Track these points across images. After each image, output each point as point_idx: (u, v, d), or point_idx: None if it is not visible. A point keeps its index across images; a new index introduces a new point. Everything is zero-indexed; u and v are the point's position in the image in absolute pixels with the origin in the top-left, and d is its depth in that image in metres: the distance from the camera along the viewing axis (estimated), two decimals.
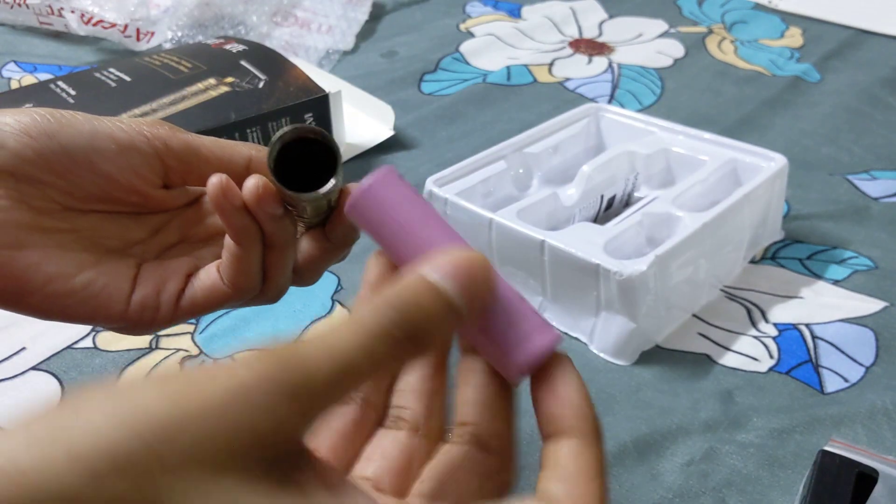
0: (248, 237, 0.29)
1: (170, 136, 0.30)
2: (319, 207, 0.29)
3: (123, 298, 0.31)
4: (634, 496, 0.36)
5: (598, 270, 0.42)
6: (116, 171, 0.29)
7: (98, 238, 0.31)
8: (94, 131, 0.29)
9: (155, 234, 0.33)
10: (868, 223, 0.55)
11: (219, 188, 0.28)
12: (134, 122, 0.30)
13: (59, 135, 0.28)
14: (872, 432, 0.38)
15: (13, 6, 0.80)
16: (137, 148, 0.29)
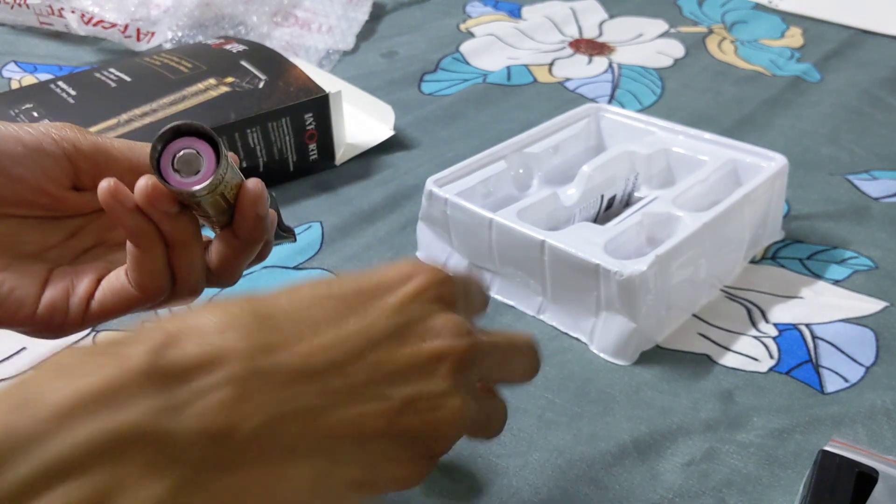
0: (146, 238, 0.29)
1: (78, 137, 0.30)
2: (217, 204, 0.29)
3: (32, 302, 0.31)
4: (634, 496, 0.36)
5: (598, 270, 0.42)
6: (26, 172, 0.30)
7: (13, 243, 0.31)
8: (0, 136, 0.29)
9: (70, 237, 0.33)
10: (868, 223, 0.55)
11: (108, 191, 0.28)
12: (41, 125, 0.30)
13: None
14: (872, 432, 0.38)
15: (13, 6, 0.80)
16: (45, 150, 0.30)
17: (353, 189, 0.59)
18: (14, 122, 0.30)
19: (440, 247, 0.50)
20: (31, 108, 0.54)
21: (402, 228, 0.55)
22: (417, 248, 0.52)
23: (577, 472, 0.37)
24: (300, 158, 0.59)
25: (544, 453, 0.38)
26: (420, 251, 0.52)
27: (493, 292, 0.48)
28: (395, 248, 0.53)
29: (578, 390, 0.41)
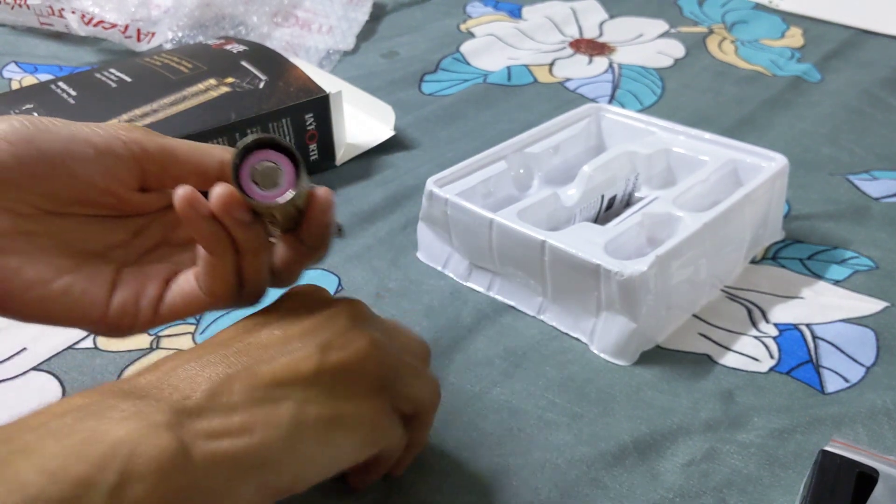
0: (219, 245, 0.30)
1: (145, 139, 0.31)
2: (288, 213, 0.29)
3: (102, 303, 0.31)
4: (634, 496, 0.36)
5: (598, 271, 0.42)
6: (94, 174, 0.30)
7: (78, 241, 0.31)
8: (71, 136, 0.29)
9: (135, 237, 0.33)
10: (869, 223, 0.55)
11: (185, 199, 0.29)
12: (110, 126, 0.30)
13: (37, 140, 0.29)
14: (873, 432, 0.38)
15: (14, 7, 0.80)
16: (114, 152, 0.30)
17: (354, 189, 0.59)
18: (86, 123, 0.30)
19: (440, 247, 0.50)
20: (31, 109, 0.54)
21: (403, 229, 0.55)
22: (417, 248, 0.52)
23: (577, 472, 0.37)
24: None
25: (544, 453, 0.38)
26: (420, 251, 0.52)
27: (494, 292, 0.48)
28: (396, 248, 0.53)
29: (579, 390, 0.41)
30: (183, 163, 0.31)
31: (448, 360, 0.43)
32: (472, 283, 0.49)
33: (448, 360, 0.43)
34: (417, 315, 0.47)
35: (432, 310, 0.47)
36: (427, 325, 0.46)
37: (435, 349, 0.44)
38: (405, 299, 0.48)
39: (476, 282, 0.49)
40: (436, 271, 0.51)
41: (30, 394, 0.41)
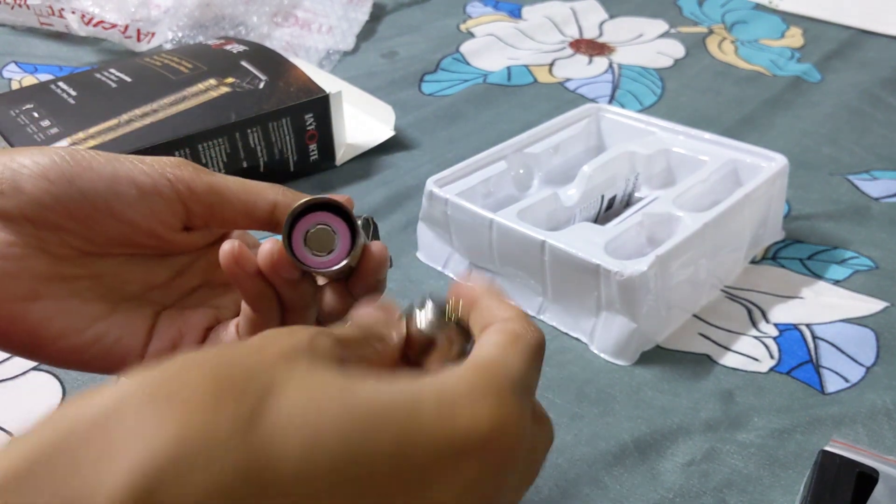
0: (265, 302, 0.28)
1: (193, 178, 0.29)
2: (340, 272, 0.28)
3: (137, 352, 0.30)
4: (635, 496, 0.36)
5: (598, 271, 0.42)
6: (137, 216, 0.28)
7: (116, 283, 0.30)
8: (114, 175, 0.28)
9: (176, 276, 0.32)
10: (869, 223, 0.55)
11: (231, 256, 0.27)
12: (157, 163, 0.29)
13: (79, 180, 0.27)
14: (873, 432, 0.38)
15: (14, 7, 0.80)
16: (160, 192, 0.28)
17: (354, 189, 0.59)
18: (129, 157, 0.28)
19: (440, 247, 0.50)
20: (31, 109, 0.54)
21: (403, 229, 0.55)
22: (418, 248, 0.52)
23: (577, 471, 0.37)
24: (301, 159, 0.59)
25: None
26: (420, 251, 0.52)
27: None
28: (396, 248, 0.53)
29: (579, 390, 0.41)
30: (231, 203, 0.29)
31: None
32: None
33: None
34: None
35: None
36: None
37: None
38: (405, 299, 0.48)
39: None
40: (436, 271, 0.51)
41: (30, 393, 0.41)
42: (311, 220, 0.27)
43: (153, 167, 0.28)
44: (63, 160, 0.27)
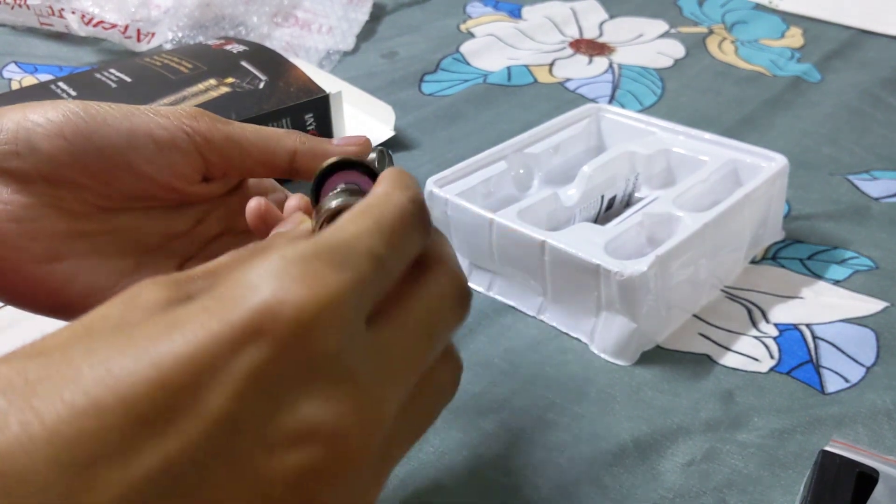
0: None
1: (210, 129, 0.28)
2: None
3: None
4: (635, 496, 0.36)
5: (598, 271, 0.42)
6: (155, 171, 0.28)
7: (137, 236, 0.29)
8: (131, 130, 0.27)
9: (196, 225, 0.31)
10: (869, 223, 0.55)
11: (256, 213, 0.27)
12: (173, 114, 0.28)
13: (95, 136, 0.27)
14: (873, 432, 0.38)
15: (14, 7, 0.80)
16: (178, 146, 0.28)
17: None
18: (145, 109, 0.28)
19: None
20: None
21: None
22: None
23: (577, 471, 0.37)
24: None
25: (544, 452, 0.38)
26: None
27: (494, 292, 0.48)
28: None
29: (579, 390, 0.41)
30: (250, 153, 0.29)
31: None
32: (472, 283, 0.49)
33: None
34: None
35: None
36: None
37: None
38: None
39: (476, 282, 0.49)
40: None
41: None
42: (337, 179, 0.26)
43: (170, 120, 0.28)
44: (77, 116, 0.27)
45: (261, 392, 0.16)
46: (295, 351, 0.17)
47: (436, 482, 0.36)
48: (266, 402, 0.17)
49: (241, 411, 0.16)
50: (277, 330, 0.16)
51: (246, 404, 0.16)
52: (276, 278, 0.17)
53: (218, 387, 0.16)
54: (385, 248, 0.19)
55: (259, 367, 0.16)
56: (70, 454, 0.15)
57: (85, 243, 0.28)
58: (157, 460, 0.16)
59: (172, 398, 0.16)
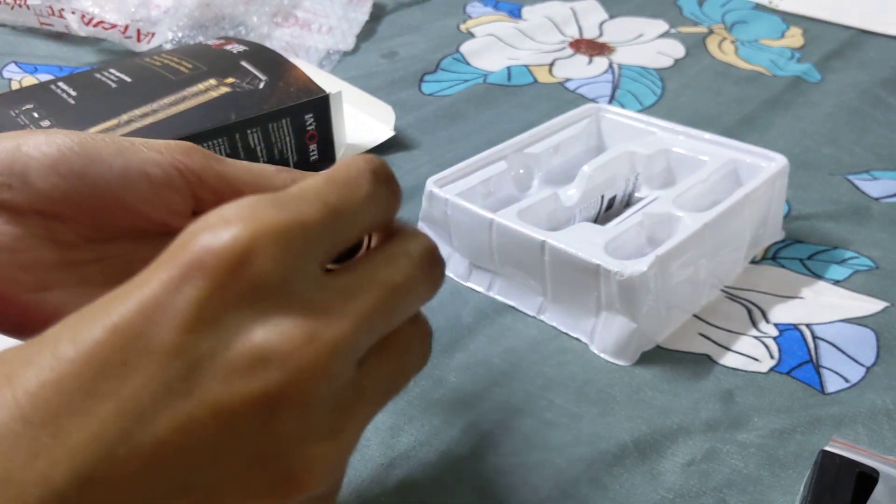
0: None
1: (204, 168, 0.28)
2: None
3: None
4: (635, 496, 0.36)
5: (598, 271, 0.42)
6: (148, 208, 0.28)
7: (125, 264, 0.30)
8: (125, 167, 0.27)
9: None
10: (869, 223, 0.55)
11: None
12: (166, 149, 0.28)
13: (89, 173, 0.27)
14: (873, 432, 0.38)
15: (14, 7, 0.80)
16: (171, 184, 0.28)
17: None
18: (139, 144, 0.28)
19: (440, 247, 0.50)
20: (31, 109, 0.54)
21: None
22: None
23: (576, 471, 0.37)
24: (301, 159, 0.59)
25: (544, 453, 0.38)
26: None
27: (494, 292, 0.48)
28: None
29: (578, 390, 0.41)
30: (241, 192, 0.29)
31: (448, 360, 0.43)
32: (472, 283, 0.49)
33: (448, 360, 0.43)
34: None
35: (432, 310, 0.47)
36: None
37: (435, 349, 0.44)
38: None
39: (476, 282, 0.49)
40: None
41: None
42: None
43: (163, 156, 0.28)
44: (72, 151, 0.27)
45: (205, 323, 0.17)
46: (233, 280, 0.18)
47: (435, 482, 0.36)
48: (213, 332, 0.18)
49: (190, 344, 0.17)
50: (213, 262, 0.18)
51: (193, 337, 0.17)
52: (218, 220, 0.18)
53: (165, 324, 0.17)
54: (336, 197, 0.20)
55: (200, 299, 0.17)
56: (34, 407, 0.16)
57: (75, 273, 0.28)
58: (117, 403, 0.17)
59: (124, 340, 0.17)
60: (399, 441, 0.38)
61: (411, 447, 0.38)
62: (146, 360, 0.17)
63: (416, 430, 0.39)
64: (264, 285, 0.18)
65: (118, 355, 0.17)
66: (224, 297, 0.18)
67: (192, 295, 0.18)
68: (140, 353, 0.17)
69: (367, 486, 0.36)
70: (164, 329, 0.17)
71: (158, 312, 0.17)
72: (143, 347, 0.17)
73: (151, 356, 0.17)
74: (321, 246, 0.20)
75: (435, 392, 0.41)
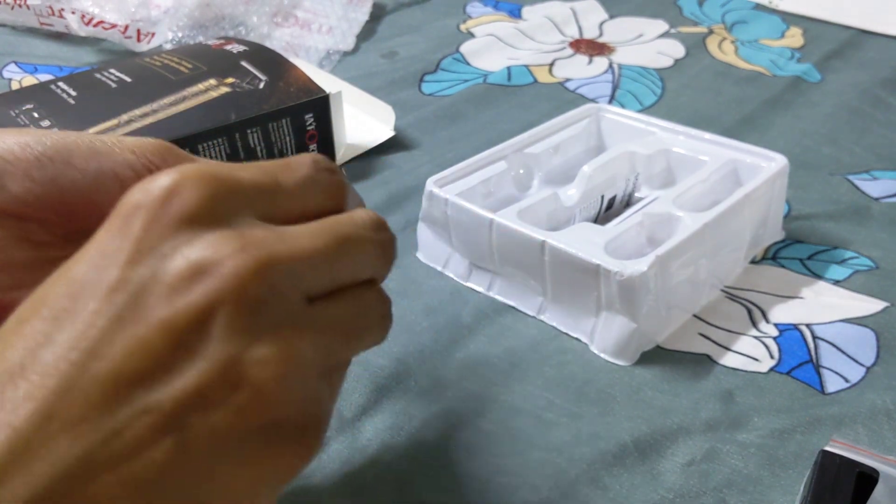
0: None
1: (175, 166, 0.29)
2: None
3: None
4: (635, 496, 0.36)
5: (598, 271, 0.42)
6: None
7: None
8: (98, 172, 0.27)
9: None
10: (869, 223, 0.55)
11: None
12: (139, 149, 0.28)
13: (62, 179, 0.27)
14: (873, 432, 0.38)
15: (14, 7, 0.80)
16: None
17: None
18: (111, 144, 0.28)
19: (440, 247, 0.50)
20: (31, 109, 0.54)
21: (403, 229, 0.55)
22: (417, 248, 0.52)
23: (577, 471, 0.37)
24: None
25: (544, 453, 0.38)
26: (420, 251, 0.52)
27: (494, 292, 0.48)
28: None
29: (578, 390, 0.41)
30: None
31: (448, 360, 0.43)
32: (472, 283, 0.49)
33: (448, 360, 0.43)
34: (417, 315, 0.47)
35: (432, 310, 0.47)
36: (427, 325, 0.46)
37: (435, 349, 0.44)
38: (405, 299, 0.48)
39: (476, 282, 0.49)
40: (436, 271, 0.51)
41: None
42: None
43: (136, 157, 0.28)
44: (45, 156, 0.27)
45: (143, 254, 0.19)
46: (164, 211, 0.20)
47: (435, 482, 0.36)
48: (151, 260, 0.19)
49: (131, 275, 0.19)
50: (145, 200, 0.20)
51: (133, 267, 0.19)
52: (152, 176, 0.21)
53: (108, 265, 0.19)
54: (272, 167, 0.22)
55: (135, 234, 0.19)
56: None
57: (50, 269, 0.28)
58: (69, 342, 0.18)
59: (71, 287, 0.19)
60: (399, 441, 0.38)
61: (411, 447, 0.38)
62: (93, 299, 0.19)
63: (416, 430, 0.39)
64: (195, 213, 0.20)
65: (66, 301, 0.19)
66: (158, 229, 0.19)
67: (128, 233, 0.20)
68: (87, 295, 0.19)
69: (368, 485, 0.36)
70: (107, 269, 0.19)
71: (102, 256, 0.20)
72: (91, 289, 0.19)
73: (97, 294, 0.19)
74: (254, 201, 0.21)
75: (435, 392, 0.41)
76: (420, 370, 0.43)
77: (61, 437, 0.17)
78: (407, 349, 0.44)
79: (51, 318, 0.19)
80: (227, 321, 0.19)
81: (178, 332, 0.18)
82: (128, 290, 0.19)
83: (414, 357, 0.43)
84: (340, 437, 0.38)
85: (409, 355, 0.43)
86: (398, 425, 0.39)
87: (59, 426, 0.17)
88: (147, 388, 0.18)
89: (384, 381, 0.42)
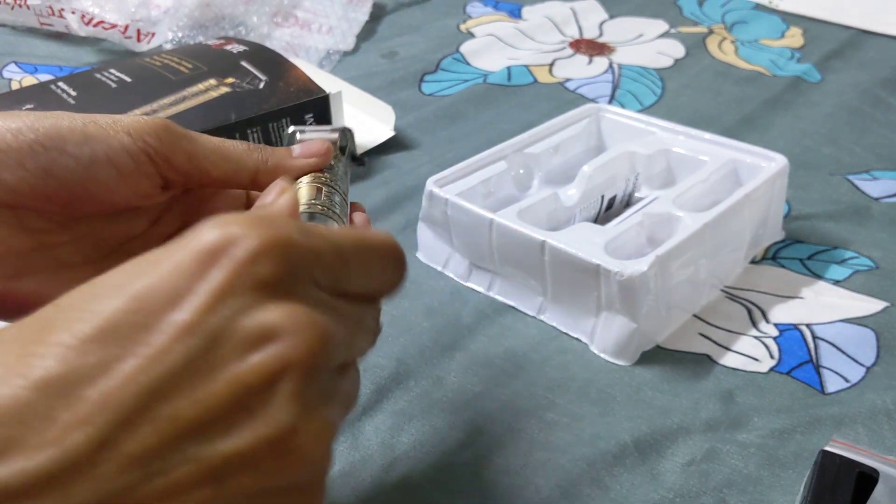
0: None
1: (173, 147, 0.29)
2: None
3: None
4: (635, 496, 0.36)
5: (598, 271, 0.42)
6: (115, 195, 0.28)
7: (97, 242, 0.30)
8: (92, 158, 0.27)
9: (154, 224, 0.32)
10: (869, 223, 0.55)
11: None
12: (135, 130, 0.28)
13: (55, 167, 0.27)
14: (873, 432, 0.38)
15: (14, 7, 0.80)
16: (140, 170, 0.28)
17: (354, 189, 0.59)
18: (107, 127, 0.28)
19: (440, 247, 0.50)
20: (31, 109, 0.54)
21: (403, 229, 0.55)
22: (418, 248, 0.52)
23: (577, 471, 0.37)
24: None
25: (545, 453, 0.38)
26: (420, 251, 0.52)
27: (494, 293, 0.48)
28: None
29: (579, 390, 0.41)
30: (210, 173, 0.30)
31: (448, 360, 0.43)
32: (472, 283, 0.49)
33: (448, 360, 0.43)
34: (417, 315, 0.47)
35: (432, 310, 0.47)
36: (427, 326, 0.46)
37: (435, 349, 0.44)
38: (405, 299, 0.48)
39: (476, 282, 0.49)
40: (436, 271, 0.51)
41: None
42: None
43: (131, 138, 0.28)
44: (38, 144, 0.26)
45: (220, 304, 0.19)
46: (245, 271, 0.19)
47: (436, 482, 0.36)
48: (225, 311, 0.19)
49: (204, 323, 0.19)
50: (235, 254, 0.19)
51: (207, 313, 0.19)
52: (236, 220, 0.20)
53: (179, 297, 0.19)
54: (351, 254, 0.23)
55: (214, 283, 0.19)
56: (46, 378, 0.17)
57: (49, 256, 0.29)
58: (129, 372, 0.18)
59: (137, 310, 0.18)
60: (399, 441, 0.38)
61: (411, 447, 0.38)
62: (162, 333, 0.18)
63: (417, 430, 0.39)
64: (274, 282, 0.20)
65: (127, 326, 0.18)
66: (239, 286, 0.19)
67: (208, 278, 0.19)
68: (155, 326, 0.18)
69: (368, 486, 0.36)
70: (180, 307, 0.19)
71: (174, 290, 0.19)
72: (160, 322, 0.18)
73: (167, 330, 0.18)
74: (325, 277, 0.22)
75: (435, 392, 0.41)
76: (420, 370, 0.43)
77: (108, 468, 0.17)
78: (407, 349, 0.44)
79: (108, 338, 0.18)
80: (291, 388, 0.19)
81: (245, 389, 0.19)
82: (201, 335, 0.18)
83: (414, 357, 0.43)
84: (340, 437, 0.38)
85: (409, 355, 0.43)
86: (398, 426, 0.39)
87: (109, 457, 0.17)
88: (201, 439, 0.18)
89: (384, 381, 0.42)
